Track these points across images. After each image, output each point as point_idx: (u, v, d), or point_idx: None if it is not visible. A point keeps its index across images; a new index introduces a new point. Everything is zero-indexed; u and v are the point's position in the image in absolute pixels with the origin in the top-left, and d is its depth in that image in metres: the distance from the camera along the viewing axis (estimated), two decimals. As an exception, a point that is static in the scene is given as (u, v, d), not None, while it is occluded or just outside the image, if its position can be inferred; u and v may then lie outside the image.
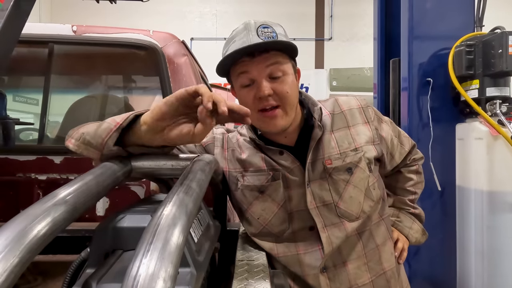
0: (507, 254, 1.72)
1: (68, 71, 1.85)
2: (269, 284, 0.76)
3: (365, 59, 4.16)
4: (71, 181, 0.56)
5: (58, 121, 1.84)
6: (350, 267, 0.98)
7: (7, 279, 0.33)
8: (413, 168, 1.21)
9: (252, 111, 0.85)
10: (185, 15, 9.33)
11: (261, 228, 1.00)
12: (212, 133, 1.07)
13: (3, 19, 0.79)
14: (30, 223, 0.41)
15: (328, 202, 0.97)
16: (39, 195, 1.41)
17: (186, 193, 0.55)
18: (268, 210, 0.98)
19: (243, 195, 1.00)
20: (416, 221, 1.22)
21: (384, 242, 1.04)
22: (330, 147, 0.98)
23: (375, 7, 2.48)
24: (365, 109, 1.05)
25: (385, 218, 1.08)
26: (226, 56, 0.89)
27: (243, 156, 1.00)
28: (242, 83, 0.92)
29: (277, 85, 0.89)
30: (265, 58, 0.88)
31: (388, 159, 1.11)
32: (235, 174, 1.01)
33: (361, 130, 1.02)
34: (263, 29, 0.88)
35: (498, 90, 1.79)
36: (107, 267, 0.58)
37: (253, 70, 0.89)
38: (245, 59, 0.89)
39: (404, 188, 1.22)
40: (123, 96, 2.07)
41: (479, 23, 2.09)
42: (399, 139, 1.14)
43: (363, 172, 0.99)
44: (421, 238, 1.22)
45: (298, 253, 0.98)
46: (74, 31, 1.48)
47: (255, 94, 0.89)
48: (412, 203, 1.23)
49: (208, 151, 1.03)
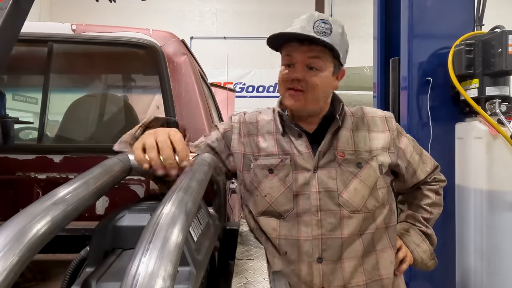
0: (507, 253, 1.72)
1: (67, 70, 1.85)
2: (268, 282, 0.76)
3: (365, 58, 4.16)
4: (70, 180, 0.56)
5: (58, 120, 1.84)
6: (346, 265, 1.00)
7: (6, 278, 0.33)
8: (433, 187, 1.20)
9: (282, 88, 1.04)
10: (185, 14, 9.31)
11: (267, 206, 1.05)
12: (230, 121, 1.15)
13: (2, 18, 0.79)
14: (30, 222, 0.41)
15: (332, 189, 1.01)
16: (39, 194, 1.41)
17: (186, 192, 0.55)
18: (275, 188, 1.04)
19: (254, 175, 1.07)
20: (425, 241, 1.19)
21: (384, 249, 1.05)
22: (345, 142, 1.05)
23: (375, 6, 2.47)
24: (388, 119, 1.12)
25: (389, 228, 1.08)
26: (278, 34, 0.98)
27: (259, 141, 1.09)
28: (284, 62, 1.03)
29: (310, 75, 0.99)
30: (310, 49, 0.98)
31: (410, 174, 1.14)
32: (250, 156, 1.09)
33: (380, 136, 1.08)
34: (321, 24, 0.98)
35: (498, 89, 1.79)
36: (106, 266, 0.58)
37: (296, 55, 1.00)
38: (294, 44, 0.99)
39: (419, 205, 1.20)
40: (123, 95, 2.07)
41: (479, 22, 2.08)
42: (421, 157, 1.16)
43: (372, 171, 1.03)
44: (428, 261, 1.18)
45: (298, 239, 1.01)
46: (74, 30, 1.48)
47: (290, 75, 1.01)
48: (426, 222, 1.19)
49: (227, 138, 1.13)
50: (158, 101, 1.92)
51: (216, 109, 2.48)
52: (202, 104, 1.46)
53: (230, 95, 6.02)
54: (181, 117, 1.40)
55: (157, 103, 2.10)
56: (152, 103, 2.23)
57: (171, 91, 1.42)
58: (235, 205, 1.79)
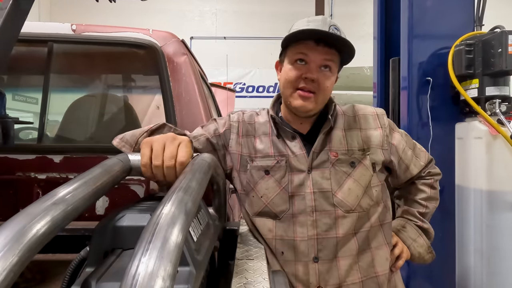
0: (506, 253, 1.72)
1: (67, 70, 1.85)
2: (268, 282, 0.76)
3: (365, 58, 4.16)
4: (70, 180, 0.56)
5: (58, 120, 1.84)
6: (342, 264, 1.01)
7: (6, 278, 0.34)
8: (427, 181, 1.19)
9: (289, 87, 1.02)
10: (185, 14, 9.31)
11: (263, 207, 1.05)
12: (229, 119, 1.15)
13: (2, 18, 0.79)
14: (30, 222, 0.41)
15: (326, 189, 1.02)
16: (39, 194, 1.40)
17: (186, 192, 0.55)
18: (271, 189, 1.04)
19: (251, 175, 1.08)
20: (422, 235, 1.19)
21: (379, 246, 1.06)
22: (338, 142, 1.05)
23: (375, 6, 2.47)
24: (380, 116, 1.12)
25: (384, 225, 1.09)
26: (302, 30, 0.96)
27: (255, 143, 1.10)
28: (297, 58, 1.00)
29: (323, 77, 1.00)
30: (326, 51, 0.98)
31: (402, 170, 1.14)
32: (246, 157, 1.09)
33: (372, 134, 1.08)
34: (335, 30, 0.98)
35: (498, 89, 1.79)
36: (106, 266, 0.58)
37: (313, 55, 0.98)
38: (310, 43, 0.98)
39: (414, 199, 1.20)
40: (123, 95, 2.07)
41: (479, 22, 2.08)
42: (414, 152, 1.16)
43: (366, 169, 1.04)
44: (425, 254, 1.18)
45: (294, 239, 1.02)
46: (74, 30, 1.48)
47: (303, 73, 0.99)
48: (421, 217, 1.20)
49: (226, 137, 1.12)
50: (158, 101, 1.92)
51: (216, 109, 2.48)
52: (202, 104, 1.46)
53: (230, 95, 6.03)
54: (181, 117, 1.40)
55: (157, 103, 2.10)
56: (152, 103, 2.23)
57: (171, 91, 1.42)
58: (235, 205, 1.79)
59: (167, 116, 1.40)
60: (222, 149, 1.12)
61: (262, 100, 8.33)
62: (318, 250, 1.00)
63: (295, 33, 0.98)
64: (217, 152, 1.12)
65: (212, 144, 1.11)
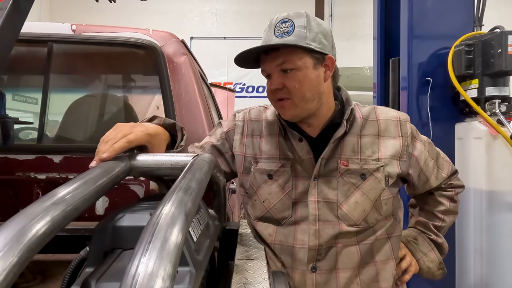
0: (506, 253, 1.72)
1: (67, 70, 1.85)
2: (268, 283, 0.76)
3: (365, 58, 4.16)
4: (70, 180, 0.56)
5: (58, 120, 1.84)
6: (341, 276, 0.96)
7: (6, 278, 0.34)
8: (447, 193, 1.11)
9: (272, 101, 1.00)
10: (185, 14, 9.31)
11: (265, 212, 1.02)
12: (234, 118, 1.12)
13: (2, 18, 0.79)
14: (29, 222, 0.41)
15: (332, 200, 0.97)
16: (39, 194, 1.40)
17: (185, 192, 0.55)
18: (274, 194, 1.01)
19: (254, 178, 1.04)
20: (434, 250, 1.12)
21: (386, 260, 1.00)
22: (351, 150, 0.98)
23: (375, 6, 2.47)
24: (402, 122, 1.02)
25: (392, 238, 1.02)
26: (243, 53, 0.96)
27: (261, 143, 1.06)
28: (264, 75, 1.00)
29: (287, 79, 0.94)
30: (275, 56, 0.94)
31: (422, 182, 1.06)
32: (250, 159, 1.06)
33: (391, 143, 0.99)
34: (281, 25, 0.95)
35: (498, 89, 1.79)
36: (106, 266, 0.58)
37: (267, 67, 0.97)
38: (263, 56, 0.97)
39: (431, 211, 1.13)
40: (123, 95, 2.07)
41: (479, 23, 2.09)
42: (436, 162, 1.08)
43: (377, 182, 0.96)
44: (436, 270, 1.11)
45: (293, 246, 0.98)
46: (74, 30, 1.48)
47: (269, 87, 0.98)
48: (436, 230, 1.13)
49: (229, 138, 1.10)
50: (158, 101, 1.92)
51: (216, 109, 2.48)
52: (202, 104, 1.46)
53: (230, 95, 6.03)
54: (181, 117, 1.40)
55: (157, 103, 2.10)
56: (152, 103, 2.23)
57: (171, 91, 1.42)
58: (235, 205, 1.79)
59: (167, 116, 1.40)
60: (228, 152, 1.10)
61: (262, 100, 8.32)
62: (317, 259, 0.97)
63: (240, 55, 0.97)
64: (224, 155, 1.09)
65: (217, 149, 1.09)
